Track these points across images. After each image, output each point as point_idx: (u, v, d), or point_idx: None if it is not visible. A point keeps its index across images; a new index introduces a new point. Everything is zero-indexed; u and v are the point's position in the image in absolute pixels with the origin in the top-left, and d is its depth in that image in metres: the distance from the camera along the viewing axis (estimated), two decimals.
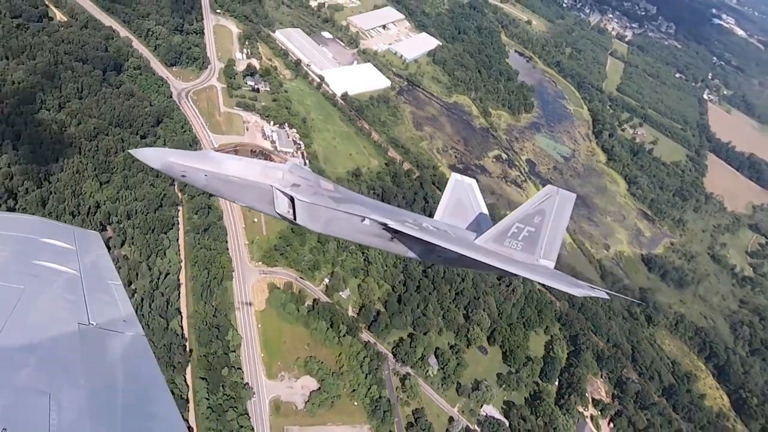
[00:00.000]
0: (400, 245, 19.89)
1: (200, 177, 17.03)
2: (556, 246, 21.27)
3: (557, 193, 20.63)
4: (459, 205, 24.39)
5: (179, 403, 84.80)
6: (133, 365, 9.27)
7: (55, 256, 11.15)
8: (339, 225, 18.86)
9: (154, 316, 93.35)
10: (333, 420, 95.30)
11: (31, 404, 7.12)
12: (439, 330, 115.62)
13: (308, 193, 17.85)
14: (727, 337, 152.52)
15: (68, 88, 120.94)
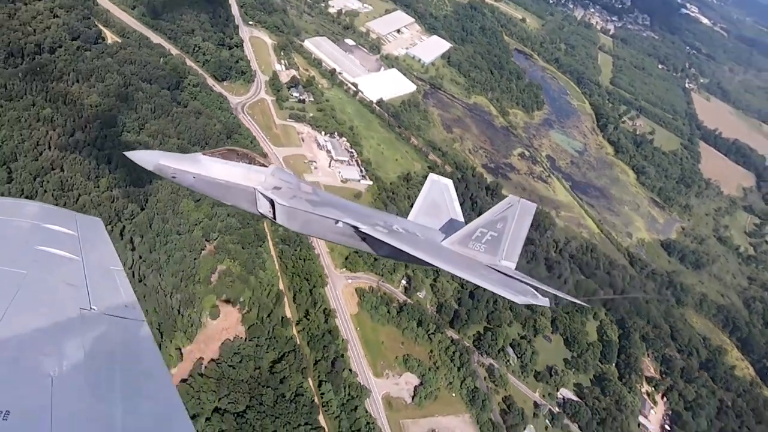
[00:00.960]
0: (372, 244, 21.02)
1: (188, 179, 18.19)
2: (517, 249, 22.44)
3: (519, 202, 22.00)
4: (433, 206, 25.17)
5: (310, 406, 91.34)
6: (135, 350, 9.32)
7: (58, 242, 11.20)
8: (315, 226, 20.20)
9: (272, 326, 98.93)
10: (438, 411, 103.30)
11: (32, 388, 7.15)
12: (509, 322, 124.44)
13: (287, 196, 19.04)
14: (743, 312, 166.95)
15: (143, 109, 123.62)
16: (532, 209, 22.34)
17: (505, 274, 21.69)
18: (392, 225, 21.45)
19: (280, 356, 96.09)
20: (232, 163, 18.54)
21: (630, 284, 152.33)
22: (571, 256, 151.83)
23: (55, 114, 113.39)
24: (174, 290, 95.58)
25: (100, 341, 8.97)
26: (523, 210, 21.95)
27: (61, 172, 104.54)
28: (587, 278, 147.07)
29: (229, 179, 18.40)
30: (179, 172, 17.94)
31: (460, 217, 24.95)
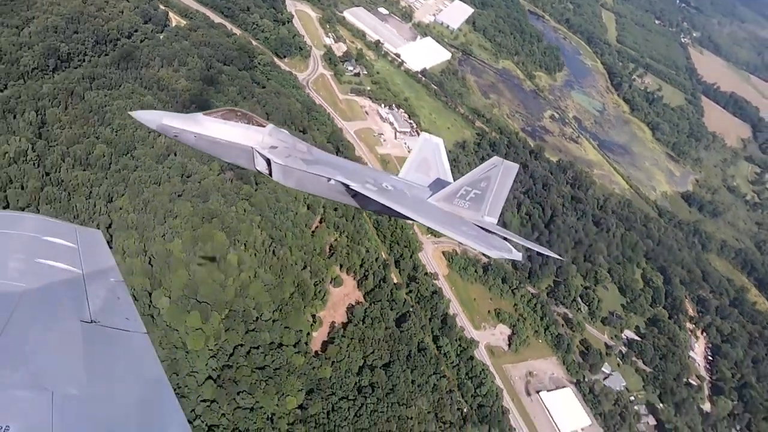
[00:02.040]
0: (361, 200, 21.87)
1: (190, 138, 18.95)
2: (498, 206, 23.43)
3: (502, 163, 22.65)
4: (424, 163, 25.94)
5: (435, 358, 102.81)
6: (136, 363, 9.22)
7: (58, 255, 11.10)
8: (308, 184, 21.04)
9: (389, 290, 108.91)
10: (531, 356, 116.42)
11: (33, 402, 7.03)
12: (574, 275, 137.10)
13: (283, 155, 19.79)
14: (757, 255, 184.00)
15: (230, 91, 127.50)
16: (514, 170, 23.11)
17: (486, 230, 22.88)
18: (382, 182, 22.23)
19: (399, 316, 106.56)
20: (232, 122, 19.35)
21: (664, 235, 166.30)
22: (613, 211, 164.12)
23: (155, 101, 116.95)
24: (304, 263, 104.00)
25: (101, 354, 8.81)
26: (506, 170, 22.74)
27: (175, 156, 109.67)
28: (627, 231, 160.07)
29: (229, 138, 19.22)
30: (181, 131, 18.71)
31: (448, 174, 25.88)
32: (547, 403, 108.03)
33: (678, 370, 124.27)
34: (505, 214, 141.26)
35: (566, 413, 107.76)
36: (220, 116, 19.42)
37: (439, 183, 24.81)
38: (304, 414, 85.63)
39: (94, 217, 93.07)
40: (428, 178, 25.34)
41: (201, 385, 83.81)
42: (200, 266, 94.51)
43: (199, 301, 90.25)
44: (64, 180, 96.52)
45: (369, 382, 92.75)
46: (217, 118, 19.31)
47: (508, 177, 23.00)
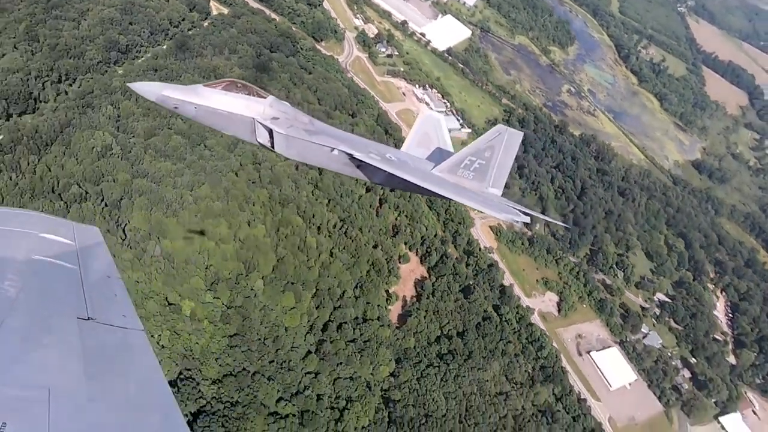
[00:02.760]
0: (366, 171, 21.32)
1: (190, 109, 18.58)
2: (503, 177, 22.71)
3: (506, 131, 22.08)
4: (425, 138, 25.52)
5: (500, 325, 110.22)
6: (133, 360, 9.16)
7: (55, 252, 10.97)
8: (311, 154, 20.48)
9: (452, 264, 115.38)
10: (578, 320, 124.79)
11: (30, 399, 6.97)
12: (607, 244, 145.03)
13: (285, 125, 19.34)
14: (762, 218, 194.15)
15: (282, 78, 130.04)
16: (519, 138, 22.48)
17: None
18: (385, 153, 21.77)
19: (462, 288, 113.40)
20: (233, 94, 19.03)
21: (682, 202, 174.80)
22: (635, 182, 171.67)
23: None
24: (375, 242, 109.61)
25: (99, 351, 8.72)
26: (510, 138, 22.15)
27: (243, 144, 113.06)
28: (649, 199, 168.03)
29: (230, 109, 18.89)
30: (181, 102, 18.41)
31: (449, 147, 25.45)
32: (597, 362, 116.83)
33: (706, 327, 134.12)
34: (541, 189, 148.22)
35: (614, 370, 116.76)
36: (221, 88, 19.09)
37: (441, 158, 24.18)
38: (397, 381, 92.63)
39: (184, 206, 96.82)
40: (429, 152, 24.97)
41: (303, 358, 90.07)
42: (284, 249, 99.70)
43: (291, 282, 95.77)
44: (149, 172, 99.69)
45: (448, 349, 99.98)
46: (218, 89, 18.99)
47: (513, 145, 22.43)
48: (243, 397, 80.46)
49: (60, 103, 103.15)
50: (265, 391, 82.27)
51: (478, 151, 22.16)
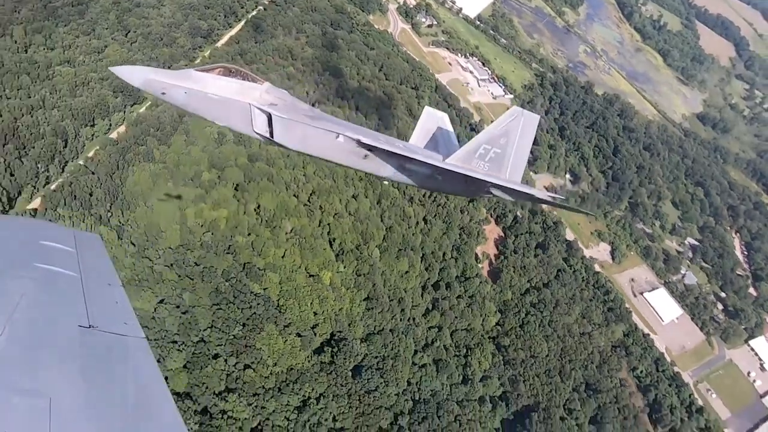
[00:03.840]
0: (374, 162, 19.88)
1: (180, 95, 17.08)
2: (521, 167, 21.36)
3: (522, 114, 20.85)
4: (430, 134, 24.27)
5: (573, 275, 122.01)
6: (134, 368, 9.03)
7: (56, 259, 10.82)
8: (315, 142, 18.93)
9: (523, 228, 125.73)
10: (629, 266, 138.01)
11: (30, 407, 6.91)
12: (644, 196, 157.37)
13: (285, 110, 18.12)
14: (761, 163, 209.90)
15: (351, 56, 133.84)
16: (536, 121, 21.38)
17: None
18: (394, 142, 20.57)
19: (537, 245, 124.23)
20: (226, 78, 17.72)
21: (696, 153, 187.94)
22: (657, 136, 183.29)
23: (298, 72, 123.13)
24: (461, 209, 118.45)
25: (100, 359, 8.68)
26: (526, 122, 20.94)
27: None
28: (669, 153, 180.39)
29: (224, 95, 17.55)
30: (170, 87, 16.95)
31: (456, 144, 24.01)
32: (650, 301, 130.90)
33: (732, 265, 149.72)
34: (582, 149, 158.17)
35: (664, 308, 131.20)
36: (212, 71, 17.75)
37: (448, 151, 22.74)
38: (503, 329, 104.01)
39: (300, 187, 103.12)
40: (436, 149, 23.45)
41: (425, 315, 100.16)
42: (389, 219, 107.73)
43: (400, 249, 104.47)
44: (261, 155, 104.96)
45: (538, 299, 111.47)
46: (210, 73, 17.67)
47: (529, 130, 21.17)
48: (388, 352, 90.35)
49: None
50: (404, 345, 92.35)
51: (492, 137, 20.79)
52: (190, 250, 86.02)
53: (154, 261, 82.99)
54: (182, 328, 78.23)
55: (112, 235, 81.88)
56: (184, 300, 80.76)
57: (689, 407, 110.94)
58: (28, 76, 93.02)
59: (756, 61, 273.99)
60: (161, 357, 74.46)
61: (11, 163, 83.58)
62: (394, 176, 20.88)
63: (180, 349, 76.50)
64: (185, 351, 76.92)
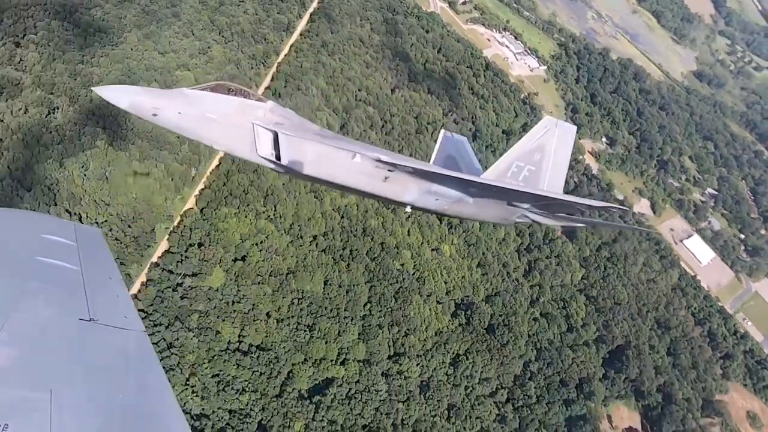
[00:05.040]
0: (396, 185, 17.49)
1: (173, 116, 15.20)
2: (559, 185, 19.23)
3: (555, 125, 18.82)
4: (450, 160, 22.25)
5: (631, 232, 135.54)
6: (134, 361, 9.00)
7: (56, 252, 10.73)
8: (329, 164, 16.60)
9: (583, 191, 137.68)
10: (666, 217, 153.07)
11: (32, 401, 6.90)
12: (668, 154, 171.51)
13: (293, 129, 16.25)
14: (752, 114, 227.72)
15: (413, 40, 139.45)
16: (572, 133, 19.39)
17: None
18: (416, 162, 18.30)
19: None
20: (225, 96, 15.79)
21: (701, 109, 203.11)
22: (669, 96, 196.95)
23: (374, 60, 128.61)
24: None
25: (100, 353, 8.68)
26: (561, 134, 18.88)
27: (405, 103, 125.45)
28: (680, 111, 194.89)
29: (223, 114, 15.60)
30: (162, 108, 14.99)
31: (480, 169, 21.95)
32: (689, 247, 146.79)
33: (747, 209, 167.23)
34: (613, 113, 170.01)
35: (700, 252, 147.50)
36: (210, 90, 15.79)
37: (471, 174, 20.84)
38: (589, 282, 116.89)
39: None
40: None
41: (525, 275, 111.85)
42: None
43: None
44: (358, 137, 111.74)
45: (610, 254, 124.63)
46: (207, 91, 15.70)
47: (566, 143, 19.26)
48: (507, 310, 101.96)
49: (275, 88, 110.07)
50: (519, 303, 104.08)
51: (526, 153, 18.98)
52: (334, 236, 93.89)
53: (308, 248, 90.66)
54: (349, 304, 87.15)
55: (271, 227, 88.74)
56: (344, 280, 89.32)
57: (735, 334, 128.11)
58: (156, 82, 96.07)
59: (734, 17, 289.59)
60: (340, 331, 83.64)
61: (167, 167, 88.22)
62: (419, 201, 18.17)
63: (354, 323, 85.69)
64: (357, 324, 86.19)
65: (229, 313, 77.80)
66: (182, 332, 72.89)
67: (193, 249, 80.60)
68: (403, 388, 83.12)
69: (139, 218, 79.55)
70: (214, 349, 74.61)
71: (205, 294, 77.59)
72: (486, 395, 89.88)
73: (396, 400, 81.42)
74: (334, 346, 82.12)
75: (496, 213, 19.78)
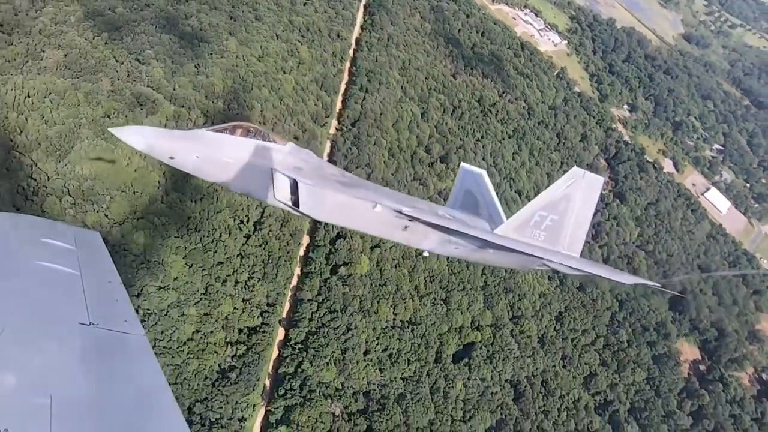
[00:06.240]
0: (414, 235, 17.51)
1: (190, 159, 14.97)
2: (582, 235, 18.75)
3: (583, 176, 18.48)
4: (469, 196, 22.13)
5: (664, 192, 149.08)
6: (134, 365, 8.98)
7: (56, 256, 10.62)
8: (347, 213, 16.55)
9: (625, 157, 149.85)
10: (687, 174, 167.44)
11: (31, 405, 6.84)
12: (682, 114, 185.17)
13: (313, 176, 15.81)
14: (736, 71, 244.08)
15: (459, 26, 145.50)
16: (599, 184, 19.07)
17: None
18: (437, 211, 18.52)
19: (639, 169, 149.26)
20: (243, 139, 15.52)
21: (696, 71, 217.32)
22: (669, 61, 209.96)
23: (432, 49, 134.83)
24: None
25: (100, 357, 8.57)
26: (588, 185, 18.62)
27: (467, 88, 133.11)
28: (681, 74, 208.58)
29: (241, 158, 15.30)
30: (179, 150, 14.76)
31: (498, 206, 21.93)
32: (710, 199, 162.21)
33: (750, 161, 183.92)
34: (631, 81, 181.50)
35: (719, 203, 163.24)
36: (228, 132, 15.42)
37: (491, 216, 20.97)
38: (643, 239, 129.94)
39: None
40: (476, 213, 21.28)
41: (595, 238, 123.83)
42: None
43: None
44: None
45: (656, 212, 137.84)
46: (226, 133, 15.36)
47: (592, 194, 18.84)
48: None
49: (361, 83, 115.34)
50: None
51: (550, 203, 18.70)
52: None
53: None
54: (471, 277, 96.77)
55: None
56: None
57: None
58: (264, 88, 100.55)
59: None
60: (469, 301, 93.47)
61: None
62: (438, 249, 18.33)
63: (477, 293, 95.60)
64: (479, 294, 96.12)
65: (381, 295, 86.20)
66: (354, 316, 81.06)
67: (340, 241, 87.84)
68: (528, 345, 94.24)
69: (290, 216, 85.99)
70: (377, 327, 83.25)
71: (359, 280, 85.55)
72: (588, 344, 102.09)
73: (525, 356, 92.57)
74: (468, 315, 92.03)
75: (516, 261, 20.49)
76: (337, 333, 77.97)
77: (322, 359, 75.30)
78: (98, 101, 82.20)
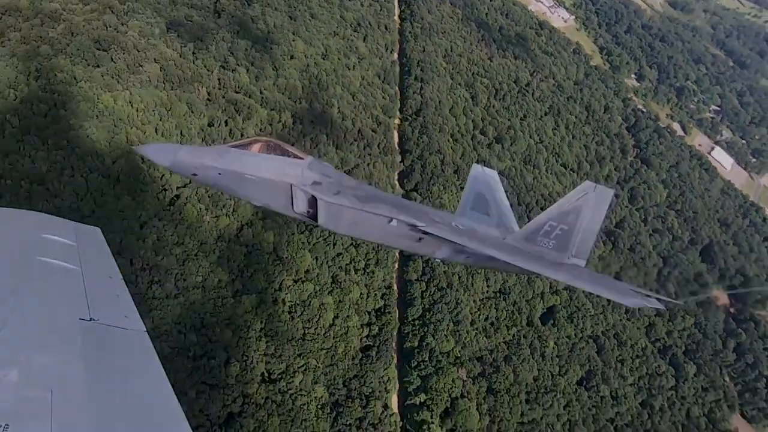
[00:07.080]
0: (428, 247, 18.10)
1: (212, 175, 15.42)
2: (588, 245, 19.10)
3: (594, 189, 18.71)
4: (480, 199, 21.96)
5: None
6: (135, 361, 8.96)
7: (56, 252, 10.60)
8: (364, 226, 17.01)
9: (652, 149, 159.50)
10: (694, 135, 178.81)
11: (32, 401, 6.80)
12: (679, 80, 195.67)
13: (331, 192, 16.10)
14: (719, 35, 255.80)
15: (485, 10, 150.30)
16: (609, 196, 19.11)
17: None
18: (450, 222, 18.78)
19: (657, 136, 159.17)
20: (263, 155, 15.88)
21: (687, 36, 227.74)
22: (663, 29, 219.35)
23: (468, 35, 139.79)
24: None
25: (101, 352, 8.51)
26: (599, 198, 18.82)
27: (503, 70, 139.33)
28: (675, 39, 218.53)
29: (261, 174, 15.70)
30: (202, 168, 15.20)
31: (508, 209, 22.19)
32: (715, 158, 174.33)
33: (744, 118, 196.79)
34: (635, 52, 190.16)
35: (724, 160, 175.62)
36: (249, 148, 15.91)
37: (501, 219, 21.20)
38: (671, 199, 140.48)
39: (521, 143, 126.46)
40: (488, 216, 21.33)
41: (617, 226, 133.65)
42: None
43: None
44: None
45: (677, 173, 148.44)
46: (246, 150, 15.80)
47: (602, 206, 19.03)
48: (631, 232, 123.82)
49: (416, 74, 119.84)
50: (637, 226, 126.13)
51: (561, 214, 18.91)
52: None
53: None
54: None
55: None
56: None
57: (765, 221, 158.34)
58: (337, 85, 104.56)
59: None
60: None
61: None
62: (451, 257, 19.19)
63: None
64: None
65: (472, 270, 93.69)
66: (459, 291, 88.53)
67: None
68: (599, 303, 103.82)
69: None
70: (476, 299, 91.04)
71: None
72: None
73: (597, 313, 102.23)
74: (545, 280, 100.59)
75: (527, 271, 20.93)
76: (449, 307, 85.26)
77: (441, 332, 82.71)
78: (200, 111, 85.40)
